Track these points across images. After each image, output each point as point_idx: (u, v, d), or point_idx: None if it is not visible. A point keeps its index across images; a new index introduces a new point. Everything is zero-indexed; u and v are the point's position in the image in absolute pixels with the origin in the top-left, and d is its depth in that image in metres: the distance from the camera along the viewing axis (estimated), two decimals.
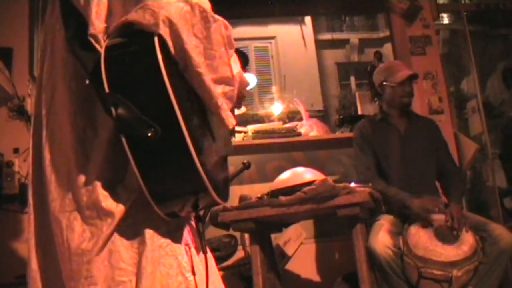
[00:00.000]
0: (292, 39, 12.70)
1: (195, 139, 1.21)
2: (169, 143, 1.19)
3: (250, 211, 3.18)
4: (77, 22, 1.33)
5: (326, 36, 14.01)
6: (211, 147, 1.36)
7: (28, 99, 4.18)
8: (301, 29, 13.00)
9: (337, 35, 14.23)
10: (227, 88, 1.35)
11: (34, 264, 1.44)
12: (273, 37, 12.63)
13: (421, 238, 3.12)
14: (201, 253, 1.43)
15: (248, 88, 1.63)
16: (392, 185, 3.50)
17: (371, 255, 3.15)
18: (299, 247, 4.26)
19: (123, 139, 1.19)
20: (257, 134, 4.34)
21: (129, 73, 1.22)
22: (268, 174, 4.26)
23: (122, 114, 1.18)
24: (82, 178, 1.33)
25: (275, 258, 3.75)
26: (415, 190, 3.40)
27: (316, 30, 13.50)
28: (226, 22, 1.35)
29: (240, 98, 1.53)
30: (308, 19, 12.87)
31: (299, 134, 4.41)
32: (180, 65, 1.26)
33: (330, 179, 3.28)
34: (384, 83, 3.73)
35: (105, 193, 1.32)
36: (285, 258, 4.19)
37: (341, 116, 5.52)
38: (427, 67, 4.90)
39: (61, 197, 1.35)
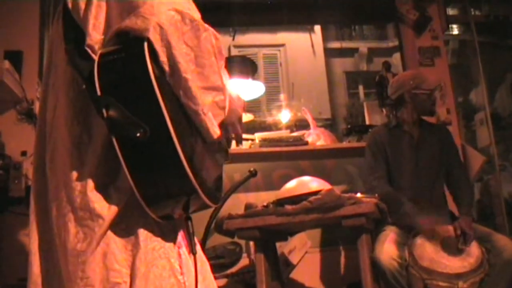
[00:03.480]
0: (301, 47, 12.69)
1: (184, 142, 1.25)
2: (158, 145, 1.23)
3: (256, 219, 3.19)
4: (76, 34, 1.39)
5: (335, 44, 13.99)
6: (202, 149, 1.38)
7: (37, 102, 4.20)
8: (310, 37, 12.98)
9: (346, 44, 14.21)
10: (217, 98, 1.37)
11: (36, 268, 1.47)
12: (282, 45, 12.62)
13: (427, 249, 3.12)
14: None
15: (256, 96, 1.66)
16: (402, 193, 3.50)
17: (376, 265, 3.15)
18: (304, 256, 4.26)
19: (114, 140, 1.24)
20: (264, 142, 4.34)
21: (120, 77, 1.27)
22: (275, 182, 4.25)
23: (112, 115, 1.22)
24: (76, 181, 1.36)
25: (280, 267, 3.75)
26: (425, 198, 3.41)
27: (325, 38, 13.48)
28: (216, 33, 1.38)
29: (232, 123, 1.57)
30: (317, 27, 12.87)
31: (306, 143, 4.41)
32: (167, 71, 1.29)
33: (336, 188, 3.28)
34: (416, 90, 3.72)
35: (98, 195, 1.35)
36: (290, 266, 4.19)
37: (349, 126, 5.52)
38: (436, 78, 4.88)
39: (59, 200, 1.39)
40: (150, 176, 1.27)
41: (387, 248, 3.17)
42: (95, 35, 1.35)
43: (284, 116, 6.49)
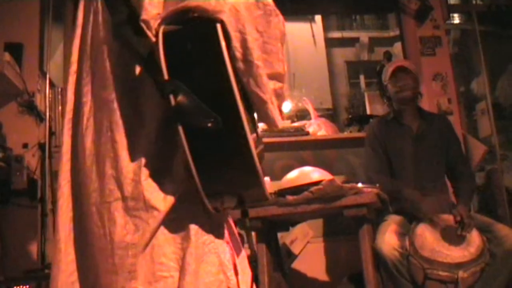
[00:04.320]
0: (302, 37, 12.66)
1: (250, 133, 1.19)
2: (228, 135, 1.17)
3: (257, 210, 3.18)
4: (126, 7, 1.29)
5: (336, 34, 13.99)
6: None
7: (38, 95, 4.21)
8: (311, 27, 12.97)
9: (347, 34, 14.21)
10: (277, 85, 1.33)
11: (64, 256, 1.39)
12: None
13: (427, 239, 3.12)
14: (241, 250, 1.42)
15: None
16: (403, 185, 3.50)
17: (377, 255, 3.15)
18: (306, 246, 4.27)
19: (180, 128, 1.16)
20: (265, 132, 4.34)
21: (189, 60, 1.19)
22: (276, 173, 4.25)
23: (182, 102, 1.15)
24: (127, 168, 1.30)
25: (282, 257, 3.75)
26: (426, 189, 3.41)
27: (326, 28, 13.48)
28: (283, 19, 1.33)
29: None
30: (318, 17, 12.85)
31: (307, 134, 4.41)
32: (238, 57, 1.23)
33: (337, 178, 3.27)
34: (384, 83, 3.74)
35: (152, 184, 1.29)
36: (292, 257, 4.20)
37: (350, 116, 5.52)
38: (437, 68, 4.89)
39: (102, 188, 1.32)
40: (215, 167, 1.20)
41: (388, 238, 3.17)
42: (151, 9, 1.26)
43: (285, 106, 6.48)
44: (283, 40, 1.32)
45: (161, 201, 1.28)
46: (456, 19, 11.87)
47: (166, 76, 1.16)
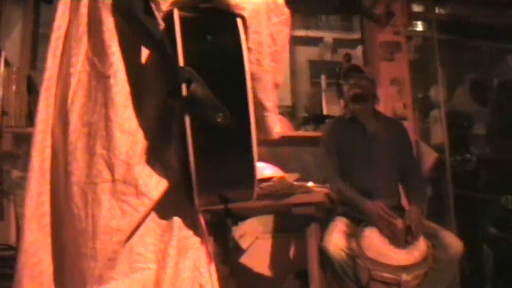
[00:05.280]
0: None
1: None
2: (233, 133, 1.14)
3: None
4: None
5: (301, 32, 13.97)
6: None
7: None
8: None
9: (311, 33, 14.22)
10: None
11: (29, 235, 1.29)
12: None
13: (374, 241, 3.17)
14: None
15: None
16: (355, 186, 3.53)
17: (323, 254, 3.18)
18: (254, 242, 4.27)
19: (187, 119, 1.12)
20: None
21: (207, 50, 1.15)
22: None
23: (195, 92, 1.11)
24: (120, 149, 1.22)
25: (229, 250, 3.76)
26: (378, 192, 3.45)
27: (291, 25, 13.48)
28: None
29: None
30: None
31: None
32: (250, 57, 1.19)
33: (290, 176, 3.29)
34: (340, 82, 3.80)
35: (146, 170, 1.23)
36: (240, 251, 4.20)
37: (306, 115, 5.55)
38: (395, 73, 4.96)
39: (88, 167, 1.24)
40: (215, 163, 1.18)
41: (336, 238, 3.20)
42: None
43: None
44: (287, 51, 1.32)
45: (154, 189, 1.23)
46: (420, 26, 12.00)
47: (181, 63, 1.12)
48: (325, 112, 5.15)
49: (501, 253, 5.22)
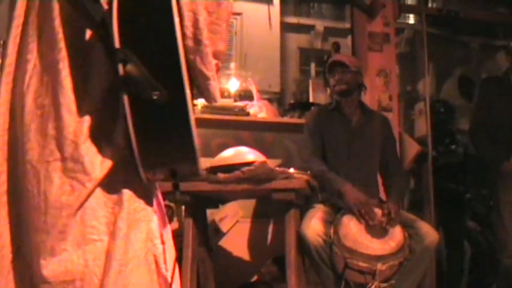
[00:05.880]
0: (258, 18, 12.58)
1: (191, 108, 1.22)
2: (171, 109, 1.19)
3: (187, 184, 3.18)
4: None
5: (292, 19, 13.96)
6: None
7: None
8: (269, 9, 12.88)
9: (303, 20, 14.20)
10: (217, 62, 1.38)
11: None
12: (239, 14, 12.49)
13: (352, 230, 3.19)
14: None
15: None
16: (333, 170, 3.55)
17: (301, 240, 3.21)
18: (235, 225, 4.30)
19: (125, 98, 1.18)
20: (206, 109, 4.34)
21: (142, 32, 1.21)
22: (213, 150, 4.25)
23: (130, 72, 1.17)
24: (67, 129, 1.30)
25: (208, 233, 3.77)
26: (357, 183, 3.46)
27: (283, 12, 13.40)
28: (232, 1, 1.39)
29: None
30: (276, 0, 12.81)
31: (248, 114, 4.43)
32: (187, 35, 1.27)
33: (273, 162, 3.31)
34: (326, 75, 3.80)
35: (92, 148, 1.30)
36: (220, 234, 4.22)
37: (292, 101, 5.56)
38: (382, 64, 4.97)
39: (41, 146, 1.32)
40: (155, 139, 1.23)
41: (314, 225, 3.23)
42: None
43: (233, 85, 6.47)
44: (229, 21, 1.38)
45: (98, 165, 1.30)
46: (412, 19, 12.04)
47: (117, 45, 1.18)
48: (311, 99, 5.14)
49: (479, 248, 5.28)
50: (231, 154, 3.40)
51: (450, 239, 5.10)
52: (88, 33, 1.32)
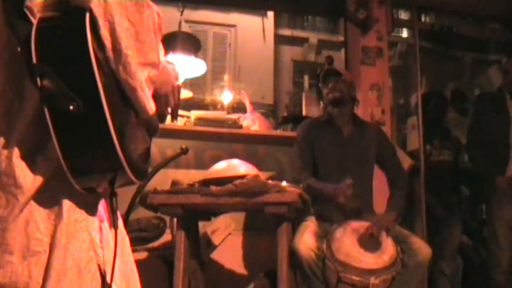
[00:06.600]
0: (252, 30, 12.63)
1: (116, 117, 1.24)
2: (90, 119, 1.23)
3: (180, 196, 3.19)
4: None
5: (286, 32, 14.00)
6: (134, 124, 1.39)
7: None
8: (263, 22, 12.94)
9: (297, 33, 14.24)
10: (152, 72, 1.38)
11: None
12: (233, 26, 12.53)
13: (344, 243, 3.18)
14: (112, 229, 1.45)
15: (197, 74, 1.65)
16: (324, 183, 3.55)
17: (294, 255, 3.20)
18: (226, 238, 4.28)
19: (46, 110, 1.22)
20: (199, 121, 4.34)
21: (58, 46, 1.25)
22: (205, 162, 4.26)
23: (46, 85, 1.20)
24: (2, 146, 1.33)
25: (200, 246, 3.76)
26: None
27: (277, 24, 13.47)
28: (159, 10, 1.38)
29: (165, 94, 1.54)
30: (270, 13, 12.83)
31: (240, 127, 4.43)
32: (107, 45, 1.28)
33: (265, 175, 3.31)
34: (320, 85, 3.81)
35: (23, 162, 1.33)
36: (211, 246, 4.20)
37: (285, 114, 5.57)
38: (375, 78, 4.99)
39: None
40: (78, 148, 1.27)
41: (306, 239, 3.22)
42: None
43: (226, 97, 6.48)
44: (157, 30, 1.37)
45: (31, 178, 1.32)
46: (405, 32, 12.11)
47: (35, 60, 1.22)
48: (304, 113, 5.15)
49: (471, 263, 5.27)
50: (223, 167, 3.39)
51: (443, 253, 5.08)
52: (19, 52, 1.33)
